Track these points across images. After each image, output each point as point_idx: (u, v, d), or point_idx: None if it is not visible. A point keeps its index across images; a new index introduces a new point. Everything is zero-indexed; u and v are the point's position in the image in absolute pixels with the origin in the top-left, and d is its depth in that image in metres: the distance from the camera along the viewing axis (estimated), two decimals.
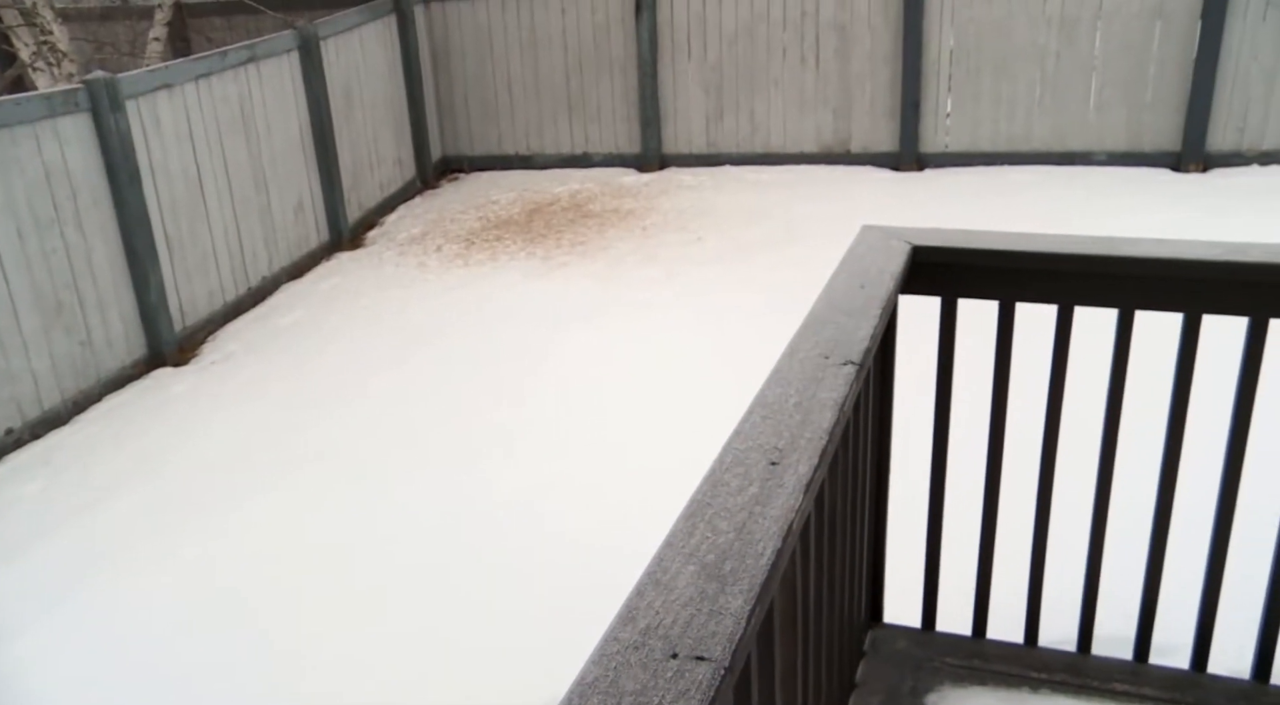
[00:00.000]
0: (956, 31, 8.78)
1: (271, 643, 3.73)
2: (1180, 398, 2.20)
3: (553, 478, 4.58)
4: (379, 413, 5.41)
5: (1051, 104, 8.76)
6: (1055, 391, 2.27)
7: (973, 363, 2.51)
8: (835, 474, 1.75)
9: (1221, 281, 2.13)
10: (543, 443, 4.91)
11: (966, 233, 2.35)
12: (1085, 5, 8.48)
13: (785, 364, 1.64)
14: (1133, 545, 2.39)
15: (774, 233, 7.53)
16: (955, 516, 2.52)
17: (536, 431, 5.03)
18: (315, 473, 4.86)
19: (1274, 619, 2.28)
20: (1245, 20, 8.18)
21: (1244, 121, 8.42)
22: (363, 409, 5.47)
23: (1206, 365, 2.22)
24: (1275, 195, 7.66)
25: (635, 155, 9.72)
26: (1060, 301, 2.22)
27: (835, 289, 1.94)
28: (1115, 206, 7.53)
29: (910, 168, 9.05)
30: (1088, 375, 2.55)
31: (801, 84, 9.21)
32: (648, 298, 6.52)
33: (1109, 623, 2.50)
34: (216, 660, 3.66)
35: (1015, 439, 2.41)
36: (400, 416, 5.35)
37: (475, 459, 4.83)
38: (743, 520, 1.22)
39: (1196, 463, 2.37)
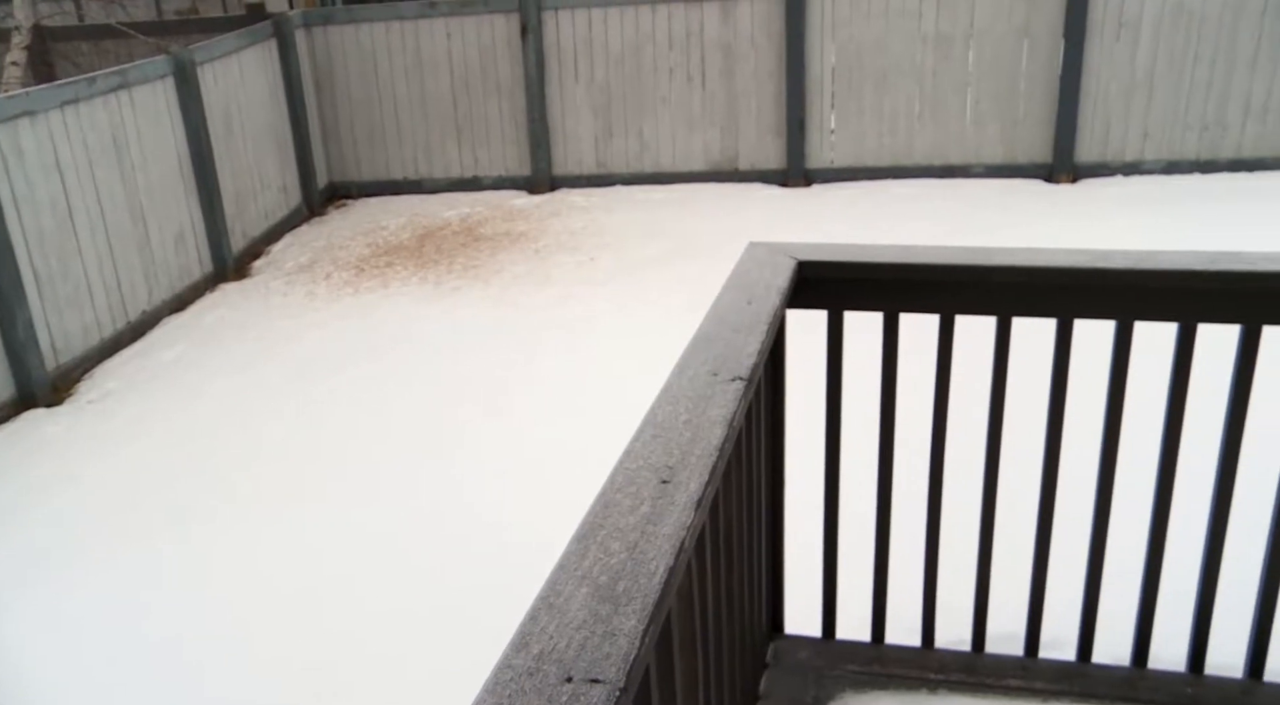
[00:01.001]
0: (837, 49, 9.00)
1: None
2: (1057, 399, 2.28)
3: (453, 509, 4.51)
4: (270, 448, 5.26)
5: (930, 119, 9.05)
6: (941, 398, 2.33)
7: (871, 373, 2.56)
8: (729, 489, 1.76)
9: (1090, 287, 2.22)
10: (442, 472, 4.84)
11: (851, 247, 2.40)
12: (957, 24, 8.80)
13: (675, 381, 1.64)
14: (1018, 545, 2.47)
15: (667, 251, 7.59)
16: (851, 525, 2.57)
17: (435, 461, 4.95)
18: (203, 515, 4.69)
19: (1149, 609, 2.38)
20: (1102, 40, 8.59)
21: (1107, 134, 8.83)
22: (253, 445, 5.31)
23: (1084, 368, 2.31)
24: (1138, 203, 8.04)
25: (526, 177, 9.70)
26: (942, 311, 2.28)
27: (723, 305, 1.96)
28: (993, 217, 7.82)
29: (798, 184, 9.23)
30: (973, 381, 2.63)
31: (689, 103, 9.32)
32: (542, 319, 6.50)
33: (1001, 621, 2.57)
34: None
35: (905, 446, 2.47)
36: (294, 449, 5.21)
37: (374, 492, 4.73)
38: (635, 540, 1.22)
39: (1077, 461, 2.45)
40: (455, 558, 4.11)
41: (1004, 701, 2.35)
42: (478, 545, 4.15)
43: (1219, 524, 2.27)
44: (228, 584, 4.15)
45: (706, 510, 1.48)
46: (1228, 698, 2.34)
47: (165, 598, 4.11)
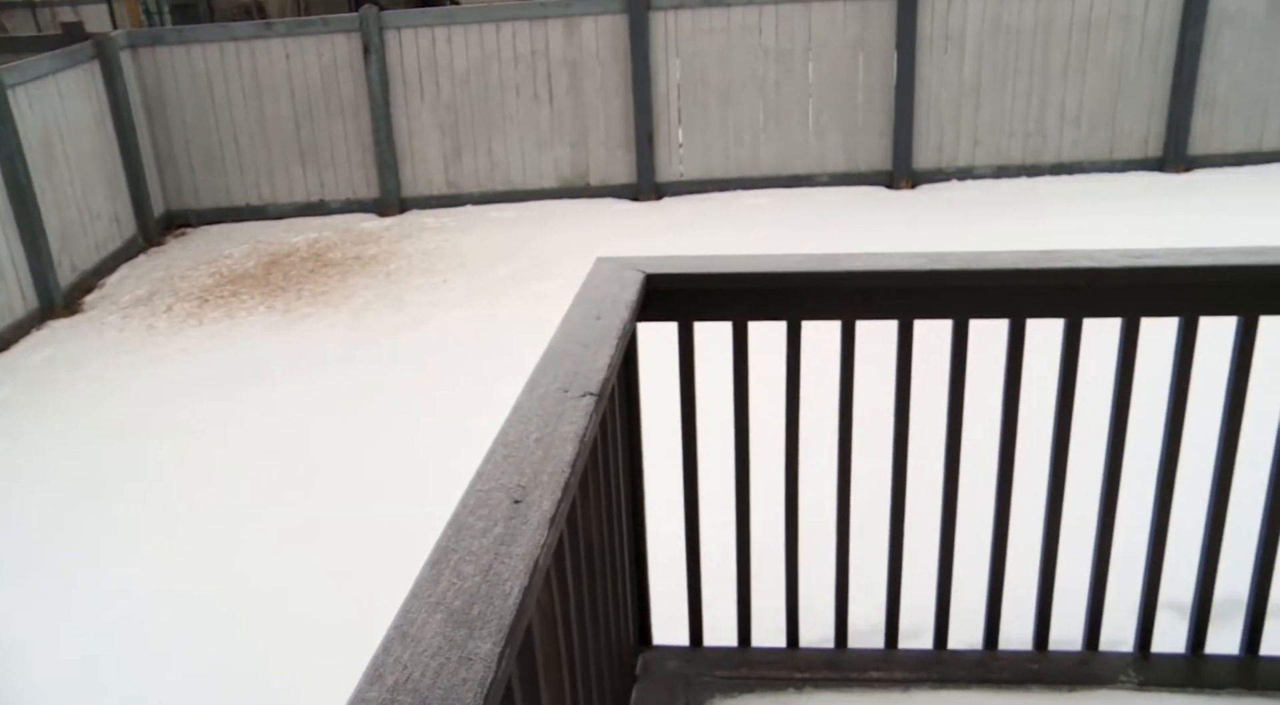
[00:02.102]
0: (682, 64, 9.16)
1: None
2: (902, 399, 2.37)
3: (305, 544, 4.37)
4: (113, 487, 4.99)
5: (775, 131, 9.29)
6: (793, 402, 2.39)
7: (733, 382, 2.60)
8: (587, 504, 1.76)
9: (928, 289, 2.31)
10: (295, 510, 4.68)
11: (698, 258, 2.43)
12: (796, 38, 9.07)
13: (525, 400, 1.63)
14: (875, 544, 2.55)
15: (521, 269, 7.57)
16: (714, 533, 2.60)
17: (290, 494, 4.79)
18: (40, 568, 4.41)
19: (996, 596, 2.49)
20: (931, 52, 9.01)
21: (941, 142, 9.25)
22: (93, 484, 5.02)
23: (933, 367, 2.40)
24: (971, 206, 8.45)
25: (374, 200, 9.51)
26: (789, 318, 2.34)
27: (572, 321, 1.96)
28: (839, 224, 8.08)
29: (649, 197, 9.34)
30: (823, 385, 2.70)
31: (537, 120, 9.32)
32: (397, 344, 6.38)
33: (862, 616, 2.65)
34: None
35: (761, 451, 2.51)
36: (139, 487, 4.95)
37: (221, 527, 4.54)
38: (488, 562, 1.20)
39: (926, 459, 2.55)
40: (294, 609, 3.98)
41: (868, 693, 2.42)
42: (325, 585, 4.03)
43: (1054, 516, 2.40)
44: (40, 631, 3.91)
45: (561, 527, 1.48)
46: (1067, 668, 2.47)
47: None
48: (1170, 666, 2.48)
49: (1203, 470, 2.38)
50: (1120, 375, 2.31)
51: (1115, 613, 2.54)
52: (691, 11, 9.00)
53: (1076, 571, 2.51)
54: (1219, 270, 2.24)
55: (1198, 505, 2.41)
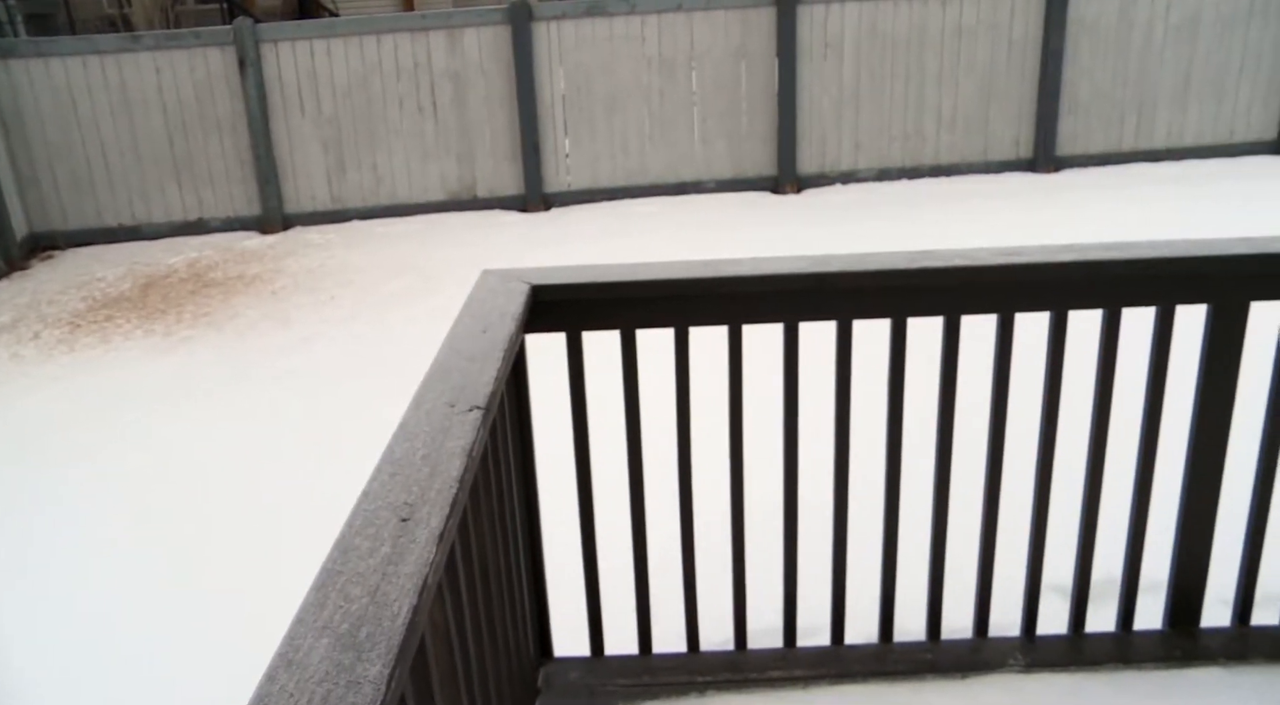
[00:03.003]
0: (566, 74, 9.17)
1: None
2: (791, 401, 2.40)
3: (194, 575, 4.22)
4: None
5: (662, 139, 9.37)
6: (682, 408, 2.40)
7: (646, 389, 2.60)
8: (479, 519, 1.74)
9: (811, 291, 2.35)
10: (185, 540, 4.52)
11: (584, 268, 2.43)
12: (679, 47, 9.17)
13: (411, 416, 1.61)
14: (770, 546, 2.58)
15: (410, 284, 7.46)
16: (610, 540, 2.59)
17: (183, 525, 4.62)
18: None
19: (890, 588, 2.55)
20: (811, 59, 9.21)
21: (824, 146, 9.46)
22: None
23: (823, 368, 2.44)
24: (854, 209, 8.66)
25: (256, 217, 9.26)
26: (676, 324, 2.36)
27: (458, 336, 1.94)
28: (727, 229, 8.18)
29: (538, 208, 9.31)
30: (712, 391, 2.73)
31: (422, 133, 9.22)
32: (284, 365, 6.22)
33: (761, 617, 2.68)
34: None
35: (656, 458, 2.53)
36: (16, 525, 4.71)
37: (108, 562, 4.35)
38: (376, 583, 1.18)
39: (816, 460, 2.59)
40: (181, 638, 3.84)
41: (768, 693, 2.45)
42: (216, 613, 3.90)
43: (940, 511, 2.47)
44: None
45: (452, 544, 1.46)
46: (959, 656, 2.54)
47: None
48: (1054, 647, 2.58)
49: (1077, 457, 2.48)
50: (998, 369, 2.40)
51: (1003, 599, 2.62)
52: (574, 22, 9.02)
53: (965, 562, 2.59)
54: (1085, 265, 2.33)
55: (1074, 491, 2.51)
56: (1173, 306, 2.36)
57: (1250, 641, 2.57)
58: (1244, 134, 9.58)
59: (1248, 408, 2.47)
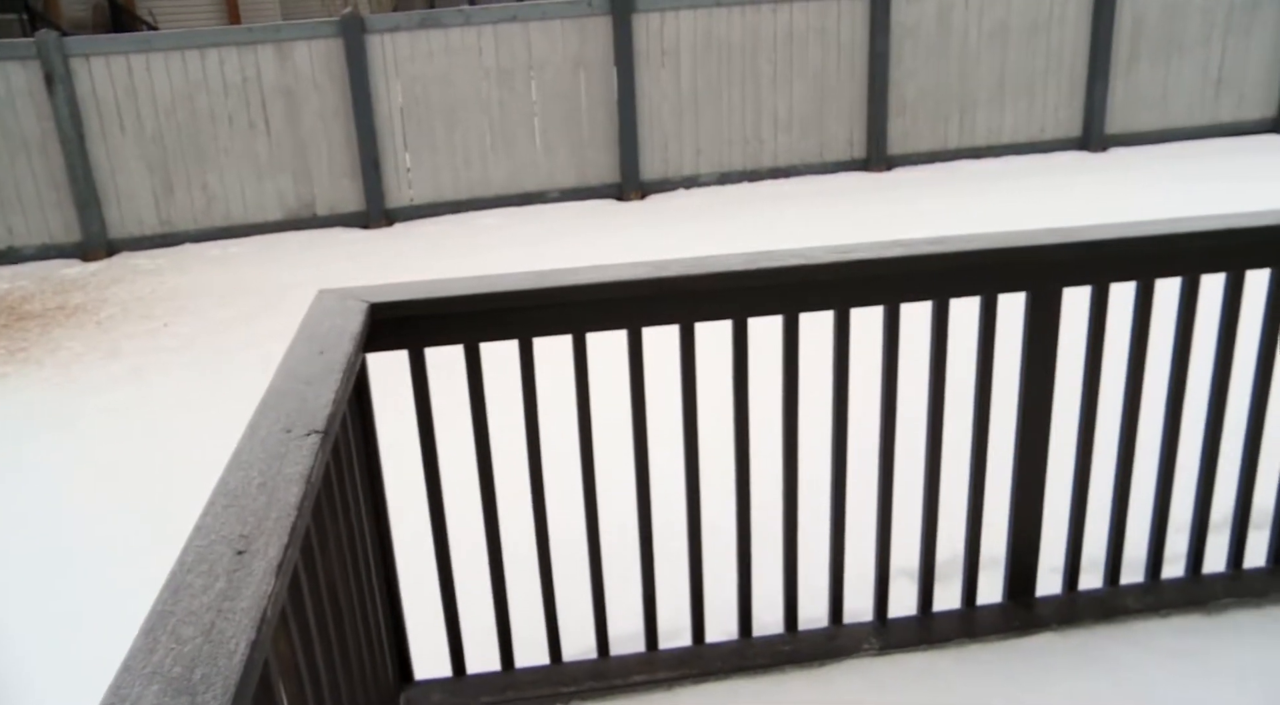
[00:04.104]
0: (403, 87, 9.01)
1: None
2: (638, 407, 2.42)
3: (17, 624, 3.95)
4: None
5: (503, 149, 9.32)
6: (531, 420, 2.39)
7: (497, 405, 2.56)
8: (325, 545, 1.69)
9: (653, 296, 2.38)
10: (5, 591, 4.22)
11: (424, 284, 2.39)
12: (516, 57, 9.14)
13: (246, 444, 1.55)
14: (625, 552, 2.59)
15: (250, 307, 7.19)
16: (468, 557, 2.56)
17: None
18: None
19: (746, 585, 2.60)
20: (649, 67, 9.33)
21: (666, 152, 9.59)
22: None
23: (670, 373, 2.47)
24: (698, 213, 8.81)
25: (76, 244, 8.74)
26: (520, 336, 2.34)
27: (293, 358, 1.88)
28: (572, 238, 8.20)
29: (381, 224, 9.12)
30: (559, 403, 2.72)
31: (255, 150, 8.90)
32: (114, 399, 5.89)
33: (622, 622, 2.69)
34: None
35: (511, 471, 2.51)
36: None
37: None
38: (211, 621, 1.12)
39: (667, 463, 2.62)
40: None
41: (632, 697, 2.46)
42: (41, 667, 3.67)
43: (790, 505, 2.53)
44: None
45: (294, 573, 1.41)
46: (816, 645, 2.61)
47: None
48: (905, 629, 2.68)
49: (917, 444, 2.59)
50: (837, 365, 2.47)
51: (857, 587, 2.70)
52: (409, 34, 8.89)
53: (818, 553, 2.66)
54: (914, 260, 2.43)
55: (916, 477, 2.61)
56: (994, 295, 2.49)
57: (1079, 605, 2.73)
58: (1053, 131, 10.19)
59: (1066, 387, 2.62)
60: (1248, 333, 2.59)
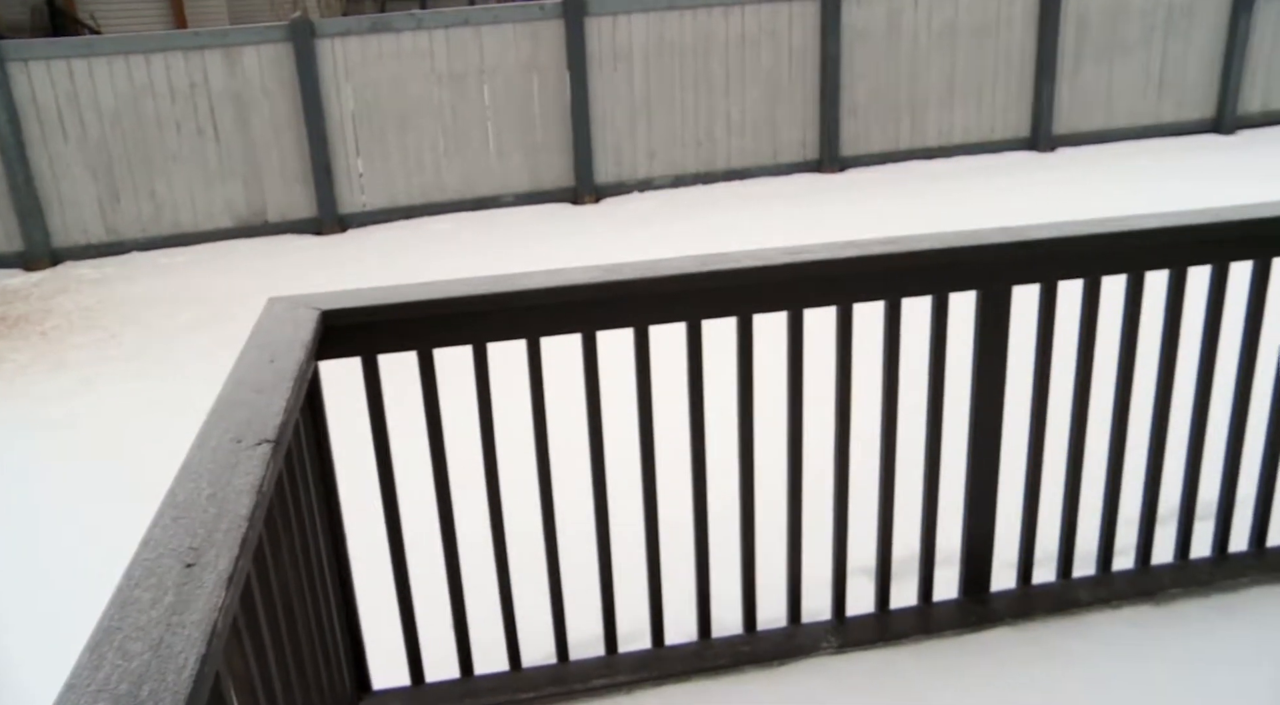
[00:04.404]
0: (355, 92, 8.94)
1: None
2: (594, 412, 2.42)
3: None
4: None
5: (457, 154, 9.27)
6: (486, 427, 2.38)
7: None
8: (278, 556, 1.67)
9: (607, 300, 2.37)
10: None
11: (377, 290, 2.37)
12: (469, 62, 9.10)
13: (195, 455, 1.53)
14: (584, 554, 2.58)
15: (200, 316, 7.09)
16: (424, 565, 2.54)
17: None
18: None
19: (705, 586, 2.60)
20: (602, 70, 9.33)
21: (619, 156, 9.60)
22: None
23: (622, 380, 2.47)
24: (652, 216, 8.82)
25: (18, 253, 8.55)
26: (474, 341, 2.33)
27: (243, 367, 1.86)
28: (527, 242, 8.18)
29: (334, 230, 9.04)
30: (516, 407, 2.71)
31: (204, 157, 8.78)
32: (61, 412, 5.78)
33: (581, 627, 2.68)
34: None
35: (467, 476, 2.49)
36: None
37: None
38: (159, 635, 1.11)
39: (621, 468, 2.62)
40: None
41: (592, 701, 2.46)
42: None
43: (748, 505, 2.55)
44: None
45: (246, 585, 1.39)
46: (775, 645, 2.62)
47: None
48: (863, 626, 2.70)
49: (872, 443, 2.61)
50: (791, 366, 2.49)
51: (815, 586, 2.72)
52: (359, 38, 8.82)
53: (777, 553, 2.67)
54: (867, 260, 2.45)
55: (872, 475, 2.63)
56: (945, 294, 2.52)
57: (1033, 599, 2.77)
58: (1002, 131, 10.33)
59: (1017, 385, 2.66)
60: (1191, 328, 2.65)
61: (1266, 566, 2.84)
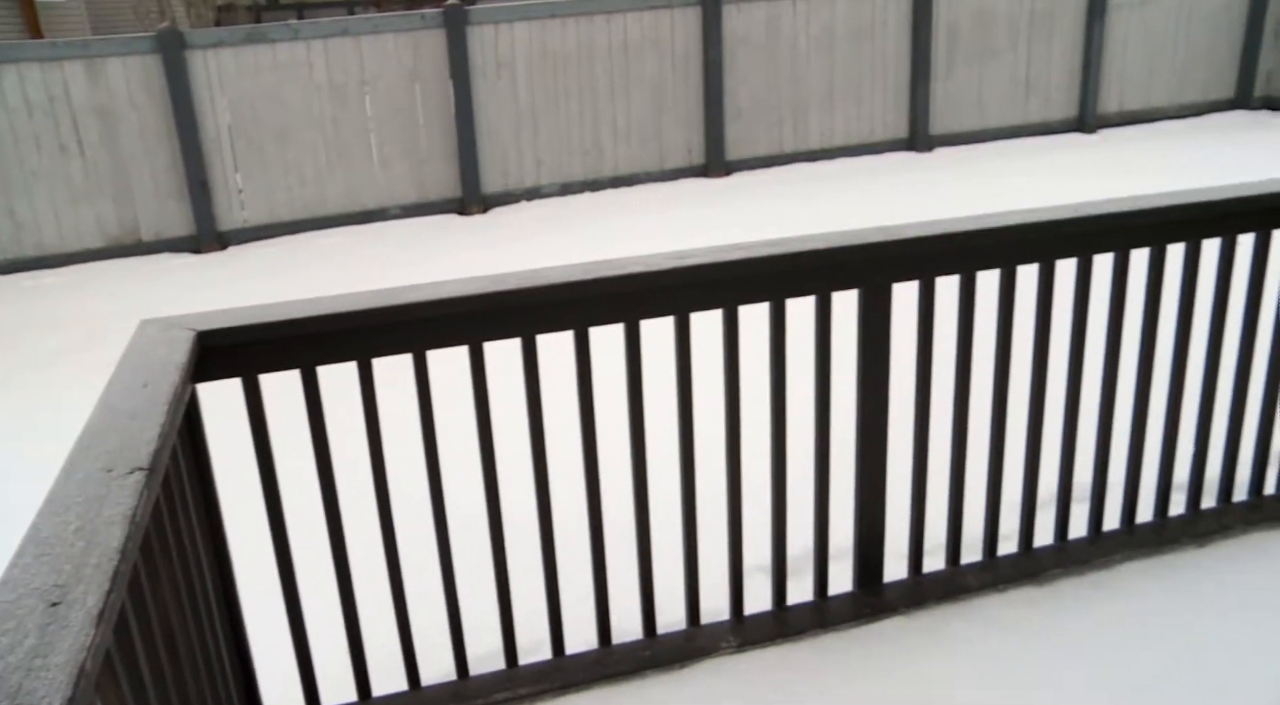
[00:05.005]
0: (231, 105, 8.68)
1: None
2: (483, 424, 2.40)
3: None
4: None
5: (340, 167, 9.08)
6: (374, 441, 2.33)
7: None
8: (157, 589, 1.60)
9: (492, 311, 2.35)
10: None
11: (257, 308, 2.31)
12: (349, 72, 8.92)
13: (61, 487, 1.46)
14: (479, 568, 2.56)
15: (72, 340, 6.78)
16: (317, 586, 2.48)
17: None
18: None
19: (604, 593, 2.60)
20: (485, 79, 9.26)
21: (506, 165, 9.54)
22: None
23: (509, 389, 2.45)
24: (541, 224, 8.78)
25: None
26: (359, 357, 2.29)
27: (114, 393, 1.78)
28: (414, 254, 8.06)
29: (213, 248, 8.75)
30: (405, 421, 2.67)
31: (68, 174, 8.40)
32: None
33: (480, 642, 2.65)
34: None
35: (350, 496, 2.44)
36: None
37: None
38: (19, 681, 1.05)
39: (513, 479, 2.60)
40: None
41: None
42: None
43: (642, 510, 2.55)
44: None
45: (121, 620, 1.33)
46: (676, 648, 2.64)
47: None
48: (761, 624, 2.74)
49: (763, 442, 2.64)
50: (680, 369, 2.50)
51: (713, 586, 2.74)
52: (233, 50, 8.57)
53: (673, 556, 2.68)
54: (752, 263, 2.49)
55: (764, 474, 2.66)
56: (829, 294, 2.57)
57: (924, 588, 2.84)
58: (882, 133, 10.61)
59: (902, 380, 2.73)
60: (1060, 320, 2.76)
61: (1136, 543, 2.98)
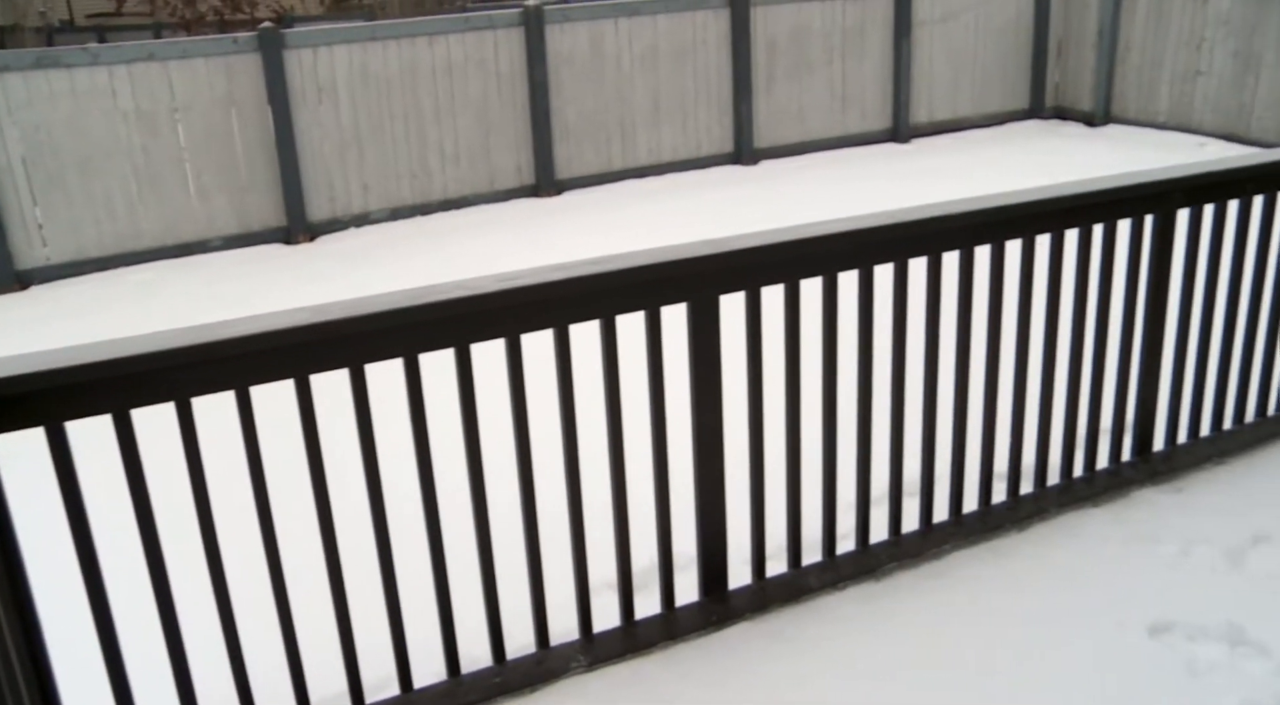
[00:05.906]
0: (23, 134, 8.14)
1: None
2: (314, 457, 2.33)
3: None
4: None
5: (153, 199, 8.65)
6: (198, 488, 2.23)
7: None
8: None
9: (317, 342, 2.28)
10: None
11: (57, 351, 2.16)
12: (158, 99, 8.52)
13: None
14: (315, 603, 2.47)
15: None
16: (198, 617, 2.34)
17: None
18: None
19: (449, 621, 2.55)
20: (306, 105, 9.01)
21: (332, 191, 9.29)
22: None
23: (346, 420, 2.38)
24: (370, 251, 8.57)
25: None
26: (178, 397, 2.18)
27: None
28: (237, 288, 7.72)
29: (11, 289, 8.14)
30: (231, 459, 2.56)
31: None
32: None
33: (321, 682, 2.56)
34: None
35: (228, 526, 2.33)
36: None
37: None
38: None
39: (345, 510, 2.53)
40: None
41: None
42: None
43: (483, 533, 2.52)
44: None
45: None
46: (526, 672, 2.63)
47: None
48: (611, 640, 2.74)
49: (600, 455, 2.65)
50: (514, 391, 2.49)
51: (560, 606, 2.73)
52: (22, 75, 8.04)
53: (518, 579, 2.66)
54: (582, 281, 2.49)
55: (603, 490, 2.67)
56: (658, 308, 2.60)
57: (769, 591, 2.91)
58: (709, 148, 10.86)
59: (733, 389, 2.79)
60: (881, 323, 2.88)
61: (964, 532, 3.13)
